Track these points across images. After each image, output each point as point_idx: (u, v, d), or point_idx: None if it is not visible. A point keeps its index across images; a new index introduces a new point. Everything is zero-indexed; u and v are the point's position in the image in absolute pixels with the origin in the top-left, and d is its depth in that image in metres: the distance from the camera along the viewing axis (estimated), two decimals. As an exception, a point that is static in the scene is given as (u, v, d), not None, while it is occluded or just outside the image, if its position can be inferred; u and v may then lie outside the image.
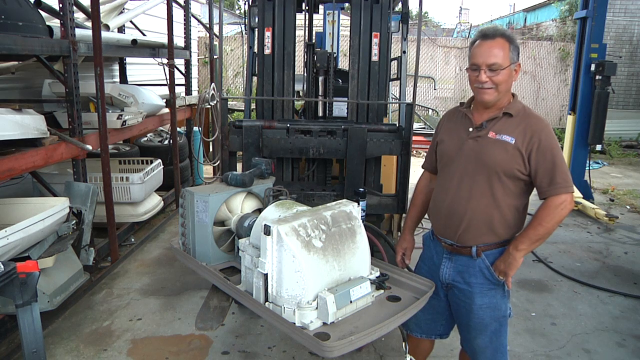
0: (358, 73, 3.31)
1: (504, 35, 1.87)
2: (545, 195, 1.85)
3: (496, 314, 2.00)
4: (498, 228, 1.93)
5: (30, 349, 2.09)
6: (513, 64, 1.87)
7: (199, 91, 8.23)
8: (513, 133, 1.87)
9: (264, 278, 1.80)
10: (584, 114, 6.18)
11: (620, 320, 3.47)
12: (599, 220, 5.65)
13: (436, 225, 2.10)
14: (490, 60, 1.83)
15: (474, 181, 1.92)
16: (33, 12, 3.23)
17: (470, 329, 2.05)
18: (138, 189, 4.59)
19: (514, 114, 1.90)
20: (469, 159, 1.94)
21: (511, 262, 1.90)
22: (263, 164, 2.53)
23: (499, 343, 2.04)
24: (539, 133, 1.85)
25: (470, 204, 1.93)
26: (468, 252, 1.97)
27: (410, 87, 3.46)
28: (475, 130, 1.95)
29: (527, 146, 1.85)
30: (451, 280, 2.04)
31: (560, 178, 1.82)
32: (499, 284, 1.97)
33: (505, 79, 1.86)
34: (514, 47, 1.87)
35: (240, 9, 13.48)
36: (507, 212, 1.92)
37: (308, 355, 2.93)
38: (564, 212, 1.83)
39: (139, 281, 3.94)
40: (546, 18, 15.11)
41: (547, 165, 1.83)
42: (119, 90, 4.60)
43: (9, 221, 2.75)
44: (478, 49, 1.88)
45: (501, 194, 1.90)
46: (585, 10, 6.09)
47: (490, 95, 1.88)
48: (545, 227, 1.85)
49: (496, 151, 1.88)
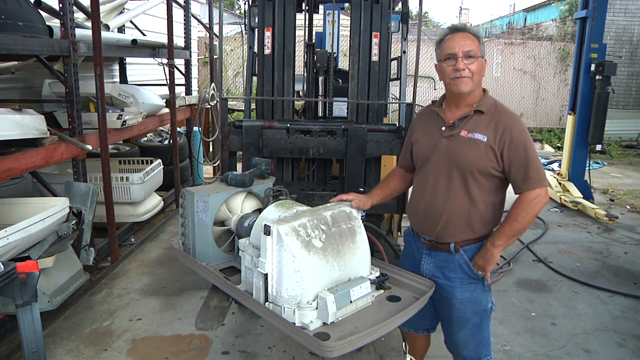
0: (358, 73, 3.31)
1: (472, 30, 1.94)
2: (520, 191, 1.88)
3: (477, 308, 2.04)
4: (475, 225, 1.97)
5: (30, 349, 2.09)
6: (482, 58, 1.91)
7: (199, 91, 8.23)
8: (485, 131, 1.90)
9: (264, 278, 1.80)
10: (584, 114, 6.19)
11: (620, 320, 3.47)
12: (599, 220, 5.65)
13: (415, 223, 2.14)
14: (466, 48, 1.87)
15: (449, 180, 1.95)
16: (33, 12, 3.23)
17: (452, 323, 2.09)
18: (138, 189, 4.59)
19: (485, 111, 1.93)
20: (444, 159, 1.97)
21: (489, 258, 1.94)
22: (263, 164, 2.53)
23: (481, 337, 2.08)
24: (511, 129, 1.87)
25: (447, 203, 1.96)
26: (447, 248, 2.01)
27: (410, 87, 3.46)
28: (448, 129, 1.98)
29: (500, 143, 1.87)
30: (431, 275, 2.08)
31: (534, 173, 1.85)
32: (478, 278, 2.01)
33: (479, 70, 1.90)
34: (482, 43, 1.93)
35: (240, 9, 13.48)
36: (483, 209, 1.95)
37: (308, 355, 2.93)
38: (538, 206, 1.86)
39: (139, 281, 3.94)
40: (546, 18, 15.11)
41: (520, 161, 1.86)
42: (119, 90, 4.60)
43: (9, 221, 2.75)
44: (451, 42, 1.91)
45: (477, 191, 1.93)
46: (585, 10, 6.09)
47: (467, 84, 1.89)
48: (521, 222, 1.88)
49: (469, 150, 1.91)
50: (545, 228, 5.38)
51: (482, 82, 1.98)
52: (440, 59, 1.95)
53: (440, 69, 1.96)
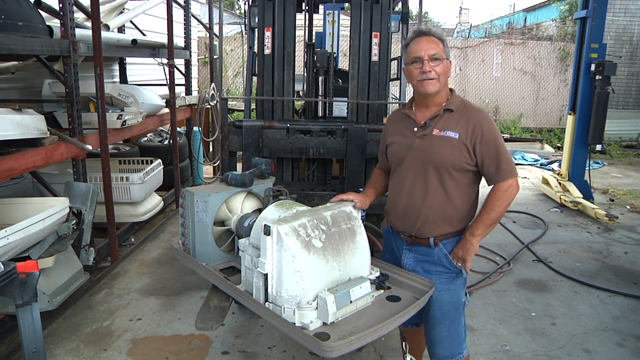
0: (358, 73, 3.32)
1: (436, 34, 2.01)
2: (494, 182, 1.97)
3: (454, 301, 2.09)
4: (453, 219, 2.04)
5: (30, 349, 2.09)
6: (447, 60, 1.99)
7: (199, 91, 8.23)
8: (456, 128, 1.97)
9: (264, 278, 1.80)
10: (584, 114, 6.18)
11: (620, 320, 3.47)
12: (599, 220, 5.65)
13: (394, 222, 2.18)
14: (431, 51, 1.94)
15: (426, 178, 2.01)
16: (33, 12, 3.22)
17: (429, 318, 2.13)
18: (138, 189, 4.59)
19: (455, 109, 2.00)
20: (419, 158, 2.03)
21: (468, 248, 2.00)
22: (263, 164, 2.53)
23: (457, 333, 2.12)
24: (481, 125, 1.95)
25: (426, 201, 2.02)
26: (426, 243, 2.06)
27: (410, 87, 3.46)
28: (420, 130, 2.04)
29: (471, 139, 1.95)
30: (412, 269, 2.12)
31: (505, 164, 1.94)
32: (457, 271, 2.07)
33: (445, 71, 1.98)
34: (446, 45, 2.00)
35: (240, 9, 13.49)
36: (459, 203, 2.02)
37: (308, 355, 2.93)
38: (511, 195, 1.95)
39: (139, 281, 3.94)
40: (546, 18, 15.11)
41: (492, 154, 1.94)
42: (119, 90, 4.60)
43: (9, 221, 2.75)
44: (417, 45, 1.98)
45: (452, 187, 2.00)
46: (585, 10, 6.09)
47: (434, 85, 1.97)
48: (497, 210, 1.96)
49: (443, 148, 1.97)
50: (545, 228, 5.38)
51: (481, 81, 2.01)
52: (407, 62, 2.02)
53: (407, 72, 2.03)
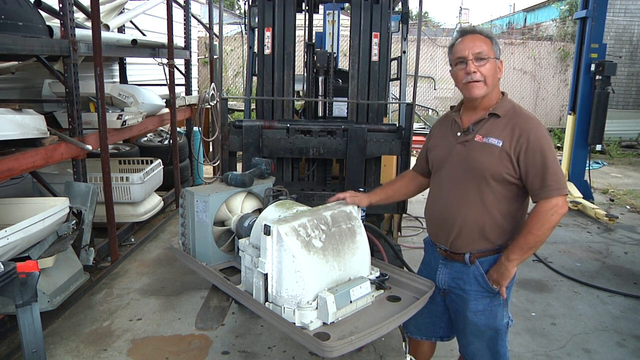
0: (358, 73, 3.31)
1: (483, 32, 1.87)
2: (537, 199, 1.79)
3: (491, 322, 1.95)
4: (490, 235, 1.88)
5: (30, 349, 2.09)
6: (497, 59, 1.85)
7: (199, 91, 8.24)
8: (500, 135, 1.82)
9: (264, 278, 1.80)
10: (584, 114, 6.18)
11: (620, 320, 3.47)
12: (599, 220, 5.65)
13: (430, 231, 2.09)
14: (476, 50, 1.81)
15: (463, 187, 1.88)
16: (33, 12, 3.22)
17: (466, 334, 2.03)
18: (138, 189, 4.59)
19: (502, 115, 1.85)
20: (458, 165, 1.90)
21: (503, 272, 1.84)
22: (263, 164, 2.53)
23: (495, 351, 2.00)
24: (528, 133, 1.78)
25: (461, 211, 1.89)
26: (462, 259, 1.94)
27: (410, 87, 3.46)
28: (463, 135, 1.92)
29: (516, 148, 1.78)
30: (447, 286, 2.02)
31: (552, 180, 1.74)
32: (494, 292, 1.92)
33: (492, 72, 1.84)
34: (495, 43, 1.86)
35: (240, 9, 13.47)
36: (499, 218, 1.86)
37: (308, 355, 2.93)
38: (554, 218, 1.74)
39: (139, 281, 3.94)
40: (546, 18, 15.11)
41: (537, 166, 1.75)
42: (119, 90, 4.60)
43: (9, 221, 2.75)
44: (461, 44, 1.85)
45: (492, 199, 1.84)
46: (585, 10, 6.09)
47: (480, 89, 1.83)
48: (536, 234, 1.76)
49: (483, 155, 1.83)
50: (545, 228, 5.37)
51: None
52: (452, 64, 1.90)
53: (453, 75, 1.91)
